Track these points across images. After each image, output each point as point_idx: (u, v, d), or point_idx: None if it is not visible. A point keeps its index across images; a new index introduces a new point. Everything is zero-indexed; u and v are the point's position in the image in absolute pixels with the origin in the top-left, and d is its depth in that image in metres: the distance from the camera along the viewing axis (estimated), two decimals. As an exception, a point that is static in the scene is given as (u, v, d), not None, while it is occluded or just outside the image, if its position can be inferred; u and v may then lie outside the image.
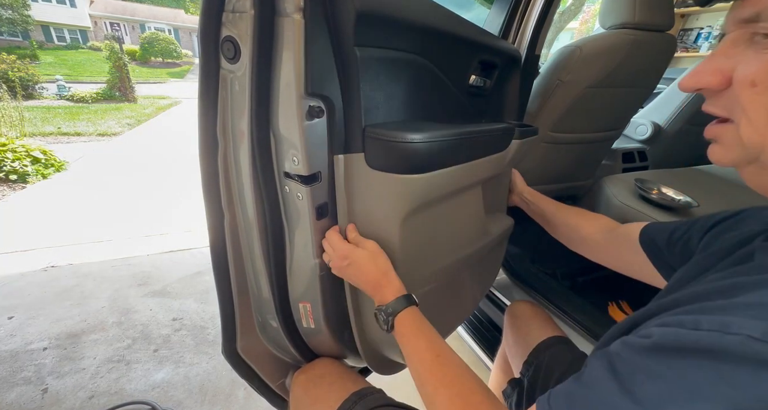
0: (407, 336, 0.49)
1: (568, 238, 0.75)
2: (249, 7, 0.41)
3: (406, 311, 0.51)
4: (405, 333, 0.49)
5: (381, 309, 0.52)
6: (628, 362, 0.26)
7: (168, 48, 18.23)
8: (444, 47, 0.60)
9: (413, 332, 0.49)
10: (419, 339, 0.48)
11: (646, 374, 0.24)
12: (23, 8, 15.87)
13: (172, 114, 8.32)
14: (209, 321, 1.62)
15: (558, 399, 0.30)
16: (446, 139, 0.53)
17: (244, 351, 0.70)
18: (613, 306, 1.26)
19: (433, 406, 0.42)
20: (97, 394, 1.24)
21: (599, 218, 0.71)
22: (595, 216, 0.72)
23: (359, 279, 0.55)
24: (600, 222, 0.69)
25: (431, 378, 0.43)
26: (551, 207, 0.80)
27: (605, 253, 0.66)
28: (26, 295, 1.74)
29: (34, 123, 5.91)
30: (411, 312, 0.51)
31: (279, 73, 0.44)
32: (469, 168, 0.61)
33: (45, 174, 3.50)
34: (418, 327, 0.49)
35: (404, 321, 0.50)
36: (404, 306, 0.51)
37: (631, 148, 1.54)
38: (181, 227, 2.58)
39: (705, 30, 3.07)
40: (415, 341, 0.48)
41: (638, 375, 0.25)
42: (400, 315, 0.51)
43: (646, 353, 0.25)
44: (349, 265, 0.55)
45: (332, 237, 0.56)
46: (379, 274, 0.54)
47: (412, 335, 0.48)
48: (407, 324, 0.50)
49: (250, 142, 0.47)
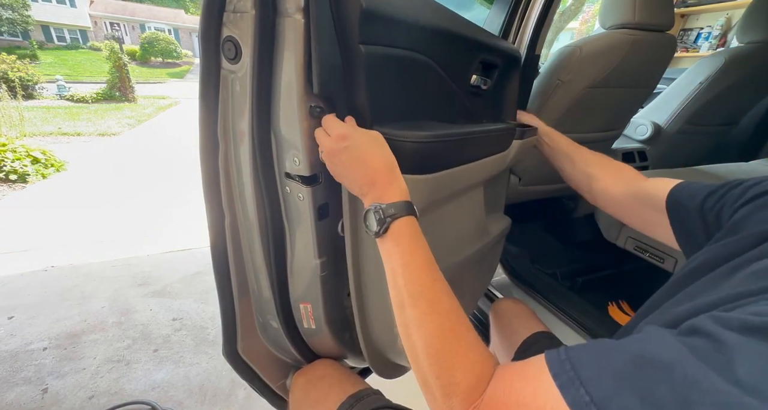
0: (403, 245, 0.41)
1: (585, 188, 0.68)
2: (250, 7, 0.41)
3: (409, 219, 0.43)
4: (402, 242, 0.41)
5: (379, 207, 0.42)
6: (726, 340, 0.22)
7: (168, 48, 18.23)
8: (446, 46, 0.60)
9: (412, 244, 0.41)
10: (417, 253, 0.41)
11: (751, 353, 0.21)
12: (23, 8, 15.87)
13: (172, 114, 8.32)
14: (209, 321, 1.62)
15: (581, 354, 0.27)
16: (452, 139, 0.53)
17: (245, 351, 0.69)
18: (613, 306, 1.26)
19: (418, 328, 0.37)
20: (97, 394, 1.24)
21: (622, 170, 0.63)
22: (618, 168, 0.64)
23: (356, 169, 0.45)
24: (624, 175, 0.62)
25: (421, 300, 0.38)
26: (569, 150, 0.72)
27: (624, 209, 0.60)
28: (26, 295, 1.74)
29: (34, 123, 5.91)
30: (413, 222, 0.43)
31: (280, 74, 0.44)
32: (473, 168, 0.61)
33: (45, 174, 3.50)
34: (419, 241, 0.42)
35: (403, 229, 0.42)
36: (408, 212, 0.43)
37: (631, 148, 1.54)
38: (181, 227, 2.58)
39: (705, 30, 3.06)
40: (412, 253, 0.41)
41: (739, 354, 0.22)
42: (401, 220, 0.42)
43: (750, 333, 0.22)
44: (346, 149, 0.44)
45: (329, 119, 0.47)
46: (383, 165, 0.45)
47: (410, 247, 0.41)
48: (407, 234, 0.42)
49: (250, 142, 0.47)
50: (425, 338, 0.36)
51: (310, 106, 0.45)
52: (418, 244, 0.42)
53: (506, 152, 0.70)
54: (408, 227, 0.42)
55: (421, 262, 0.40)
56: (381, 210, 0.42)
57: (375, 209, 0.42)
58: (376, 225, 0.42)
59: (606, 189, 0.63)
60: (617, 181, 0.61)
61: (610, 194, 0.62)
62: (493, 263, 1.03)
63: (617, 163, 0.66)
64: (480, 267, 0.92)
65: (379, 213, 0.42)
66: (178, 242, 2.34)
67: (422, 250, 0.41)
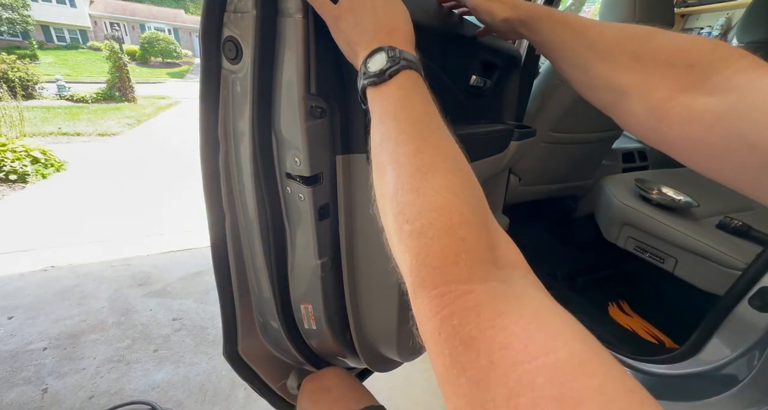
0: (411, 96, 0.32)
1: (621, 116, 0.38)
2: (251, 7, 0.41)
3: (417, 74, 0.34)
4: (410, 93, 0.32)
5: (386, 48, 0.33)
6: None
7: (168, 48, 18.24)
8: (446, 47, 0.60)
9: (422, 99, 0.32)
10: (428, 111, 0.31)
11: None
12: (23, 8, 15.87)
13: (172, 114, 8.32)
14: (209, 321, 1.62)
15: None
16: None
17: (245, 352, 0.69)
18: (613, 306, 1.26)
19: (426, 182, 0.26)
20: (97, 394, 1.24)
21: (693, 66, 0.30)
22: (673, 61, 0.32)
23: (381, 19, 0.36)
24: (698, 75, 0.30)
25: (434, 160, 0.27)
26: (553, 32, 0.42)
27: (712, 156, 0.29)
28: (26, 295, 1.74)
29: (34, 123, 5.91)
30: (420, 78, 0.34)
31: (281, 74, 0.44)
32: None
33: (44, 174, 3.50)
34: (427, 97, 0.33)
35: (413, 81, 0.33)
36: (418, 66, 0.34)
37: (631, 148, 1.55)
38: (181, 227, 2.58)
39: (705, 30, 3.06)
40: (423, 109, 0.31)
41: None
42: (409, 71, 0.33)
43: None
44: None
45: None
46: (410, 33, 0.37)
47: (420, 101, 0.32)
48: (415, 86, 0.33)
49: (251, 142, 0.47)
50: None
51: (311, 106, 0.45)
52: (430, 102, 0.32)
53: (503, 153, 0.70)
54: (418, 82, 0.33)
55: (434, 126, 0.30)
56: (389, 50, 0.33)
57: (390, 48, 0.33)
58: (386, 63, 0.33)
59: (663, 117, 0.31)
60: (688, 98, 0.30)
61: (670, 129, 0.31)
62: None
63: (672, 40, 0.33)
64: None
65: (387, 52, 0.33)
66: (178, 242, 2.34)
67: (433, 110, 0.32)
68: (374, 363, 0.72)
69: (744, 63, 0.28)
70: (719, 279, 0.90)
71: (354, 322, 0.64)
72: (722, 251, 0.91)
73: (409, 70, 0.33)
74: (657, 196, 1.09)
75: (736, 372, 0.72)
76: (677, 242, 0.99)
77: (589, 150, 1.29)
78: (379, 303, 0.62)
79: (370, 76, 0.33)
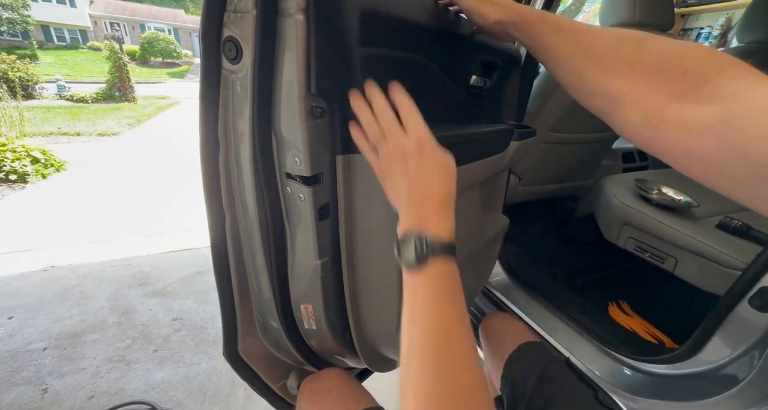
0: (442, 289, 0.36)
1: (615, 122, 0.36)
2: (251, 7, 0.41)
3: (450, 261, 0.37)
4: (441, 284, 0.36)
5: (423, 238, 0.37)
6: None
7: (168, 48, 18.25)
8: (446, 47, 0.60)
9: (451, 289, 0.36)
10: (447, 301, 0.36)
11: None
12: (23, 8, 15.87)
13: (172, 114, 8.32)
14: (209, 321, 1.62)
15: None
16: (451, 140, 0.53)
17: (245, 352, 0.69)
18: (613, 306, 1.26)
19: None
20: (97, 394, 1.24)
21: (686, 75, 0.29)
22: (666, 69, 0.31)
23: (416, 185, 0.38)
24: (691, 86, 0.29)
25: (431, 358, 0.32)
26: (545, 37, 0.41)
27: (711, 168, 0.28)
28: (26, 295, 1.74)
29: (34, 123, 5.91)
30: (453, 266, 0.37)
31: (281, 74, 0.44)
32: (470, 169, 0.61)
33: (44, 174, 3.50)
34: (455, 287, 0.37)
35: (442, 270, 0.36)
36: (452, 254, 0.38)
37: (631, 147, 1.55)
38: (181, 227, 2.58)
39: (705, 30, 3.06)
40: (451, 299, 0.36)
41: None
42: (443, 259, 0.37)
43: None
44: (421, 157, 0.38)
45: (410, 108, 0.40)
46: (445, 196, 0.39)
47: (448, 292, 0.36)
48: (444, 277, 0.36)
49: (251, 142, 0.47)
50: None
51: (311, 106, 0.45)
52: (454, 291, 0.36)
53: (503, 153, 0.70)
54: (447, 269, 0.37)
55: (458, 316, 0.35)
56: (425, 241, 0.36)
57: (418, 238, 0.37)
58: (415, 256, 0.37)
59: (656, 129, 0.31)
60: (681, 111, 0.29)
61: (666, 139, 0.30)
62: (490, 263, 1.03)
63: (668, 47, 0.31)
64: (477, 267, 0.92)
65: (424, 242, 0.36)
66: (178, 242, 2.34)
67: (457, 299, 0.36)
68: (374, 363, 0.72)
69: (737, 71, 0.28)
70: (719, 279, 0.90)
71: (354, 322, 0.64)
72: (722, 251, 0.91)
73: (440, 258, 0.36)
74: (657, 196, 1.09)
75: (736, 372, 0.72)
76: (677, 242, 0.99)
77: (589, 150, 1.29)
78: (379, 303, 0.62)
79: (404, 261, 0.38)
